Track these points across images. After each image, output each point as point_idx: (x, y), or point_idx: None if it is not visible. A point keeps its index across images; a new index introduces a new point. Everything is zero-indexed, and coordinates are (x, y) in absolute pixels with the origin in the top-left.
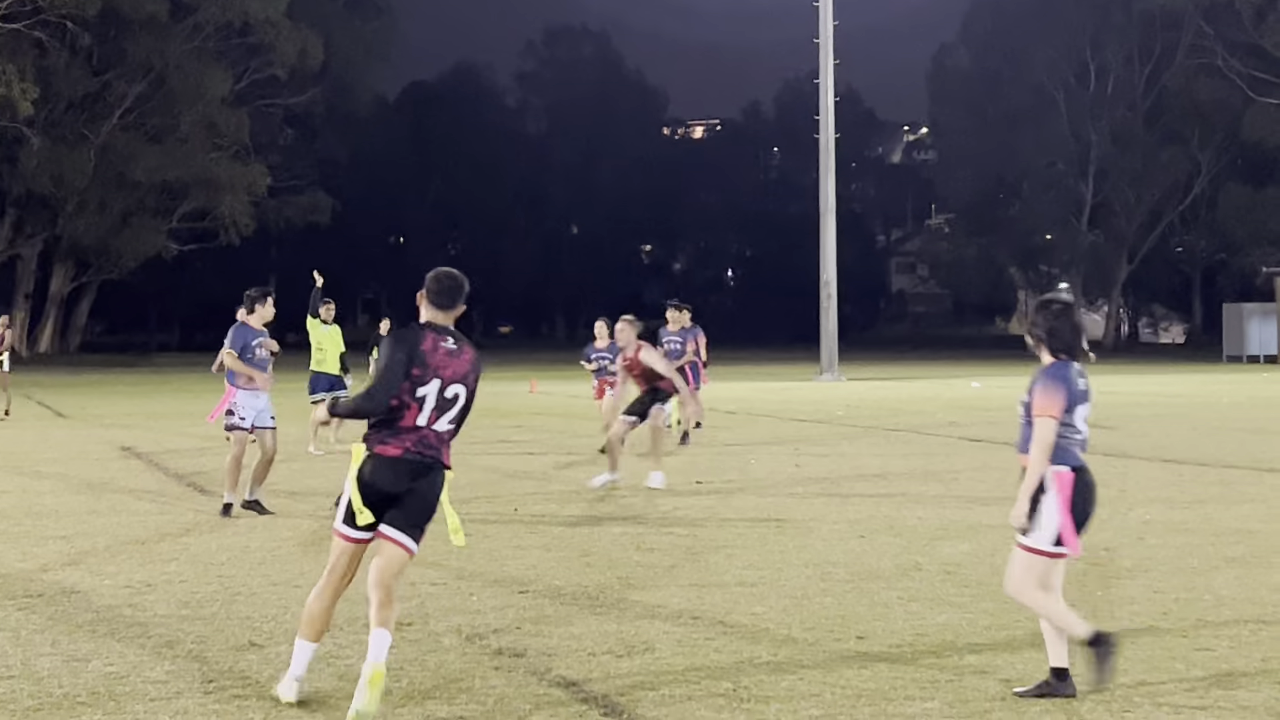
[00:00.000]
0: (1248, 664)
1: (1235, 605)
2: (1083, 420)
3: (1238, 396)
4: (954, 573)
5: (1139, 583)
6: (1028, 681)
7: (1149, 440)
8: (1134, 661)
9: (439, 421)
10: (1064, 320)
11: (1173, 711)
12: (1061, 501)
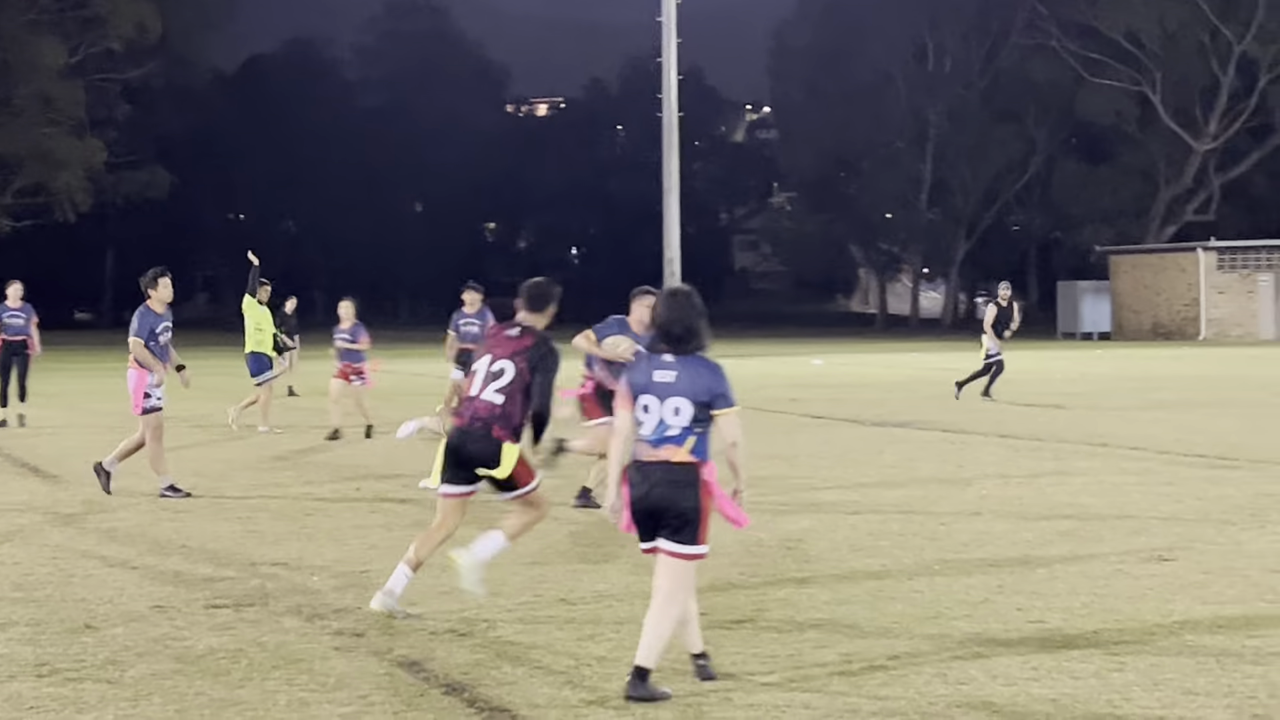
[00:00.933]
0: (1079, 635)
1: (1068, 578)
2: (659, 412)
3: (1071, 373)
4: (794, 548)
5: (975, 556)
6: (866, 653)
7: (985, 416)
8: (969, 635)
9: (487, 389)
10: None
11: (1007, 683)
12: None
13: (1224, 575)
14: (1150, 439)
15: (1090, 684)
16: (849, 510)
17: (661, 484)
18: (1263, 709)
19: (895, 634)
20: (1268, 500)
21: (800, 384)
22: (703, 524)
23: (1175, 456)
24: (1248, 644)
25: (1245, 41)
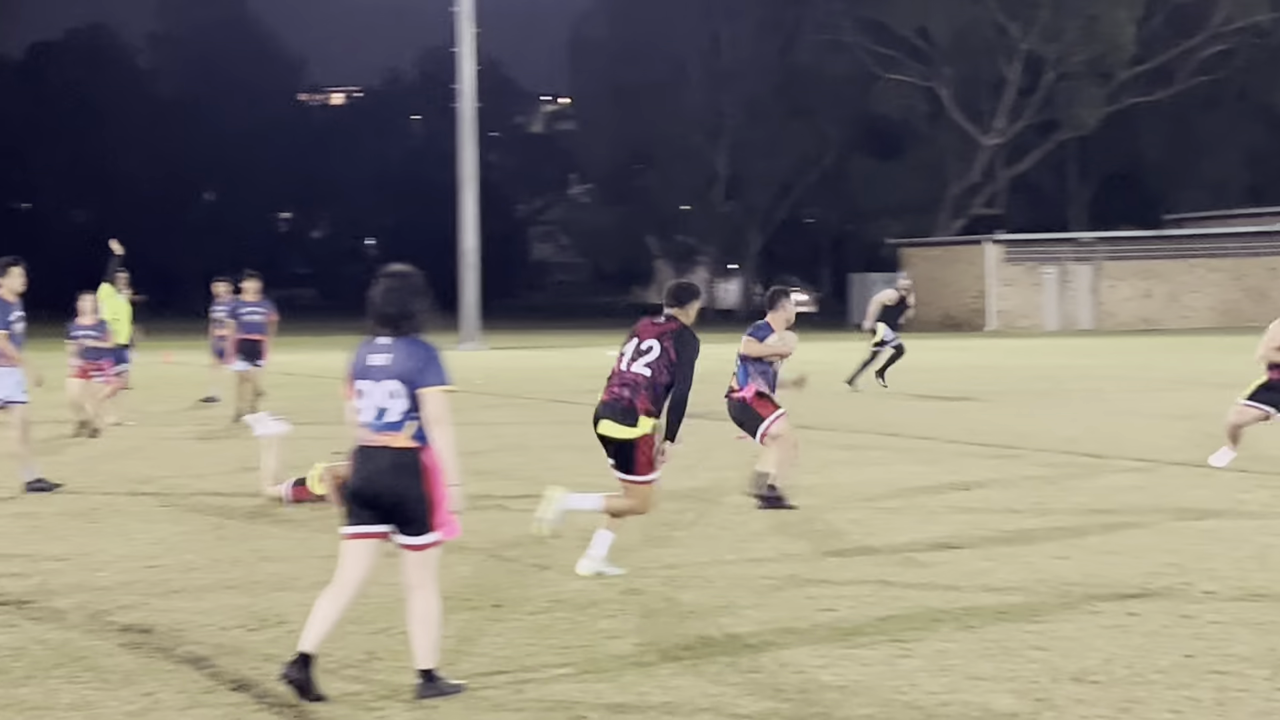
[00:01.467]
0: (868, 622)
1: (858, 566)
2: (376, 396)
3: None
4: (590, 539)
5: (768, 545)
6: (659, 643)
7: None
8: (759, 623)
9: (636, 363)
10: (377, 289)
11: (796, 670)
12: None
13: (1008, 562)
14: (939, 428)
15: (878, 671)
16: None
17: (383, 471)
18: (1045, 693)
19: (688, 623)
20: (1052, 489)
21: (597, 375)
22: (433, 511)
23: (963, 446)
24: (1031, 629)
25: (1031, 39)
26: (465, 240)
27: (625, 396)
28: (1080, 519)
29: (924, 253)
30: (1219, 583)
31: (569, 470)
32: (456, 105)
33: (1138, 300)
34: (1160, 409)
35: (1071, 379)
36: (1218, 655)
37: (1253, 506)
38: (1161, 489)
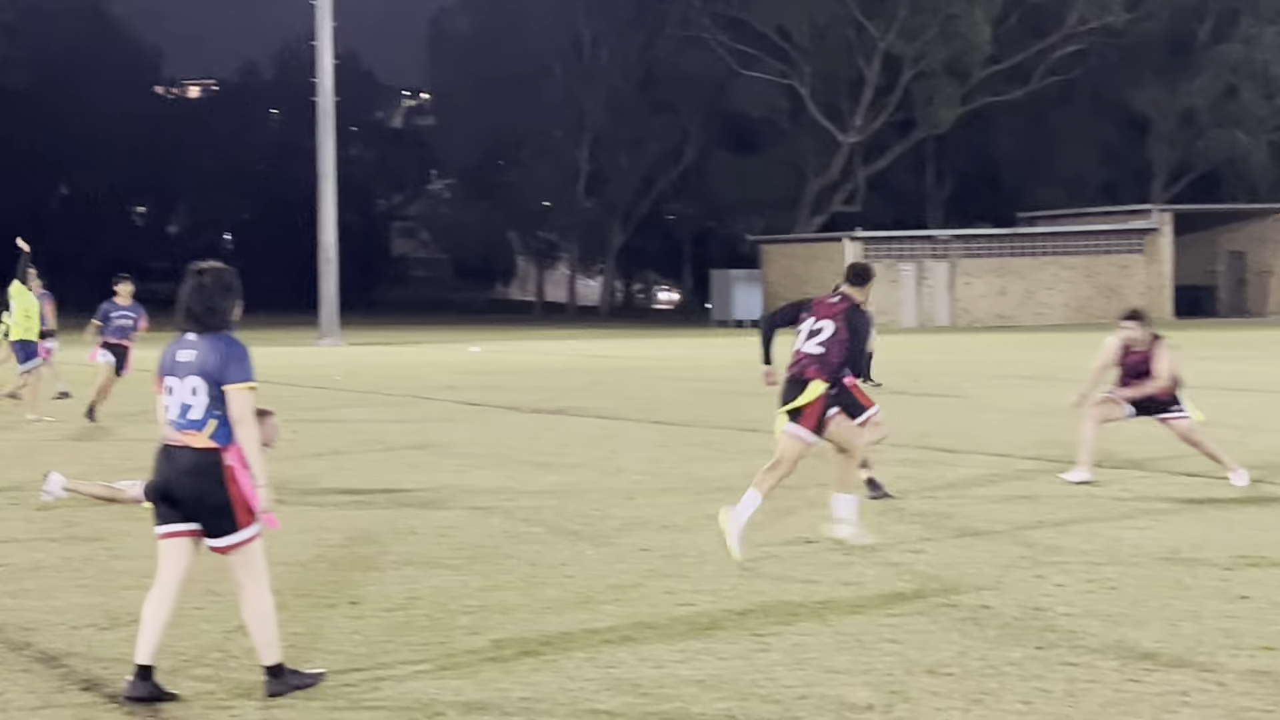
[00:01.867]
0: (726, 617)
1: (716, 561)
2: (181, 394)
3: (724, 360)
4: (448, 536)
5: (627, 541)
6: (518, 639)
7: (639, 402)
8: (619, 618)
9: (810, 343)
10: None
11: (655, 665)
12: None
13: (865, 556)
14: None
15: (736, 664)
16: (504, 497)
17: (183, 471)
18: (900, 685)
19: (547, 619)
20: (907, 483)
21: (457, 371)
22: (237, 509)
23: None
24: (886, 622)
25: (889, 38)
26: (324, 236)
27: (800, 373)
28: (936, 513)
29: (784, 250)
30: (1070, 575)
31: (428, 469)
32: (315, 99)
33: (993, 297)
34: (1015, 404)
35: (928, 375)
36: (1068, 647)
37: (1103, 501)
38: (1015, 483)
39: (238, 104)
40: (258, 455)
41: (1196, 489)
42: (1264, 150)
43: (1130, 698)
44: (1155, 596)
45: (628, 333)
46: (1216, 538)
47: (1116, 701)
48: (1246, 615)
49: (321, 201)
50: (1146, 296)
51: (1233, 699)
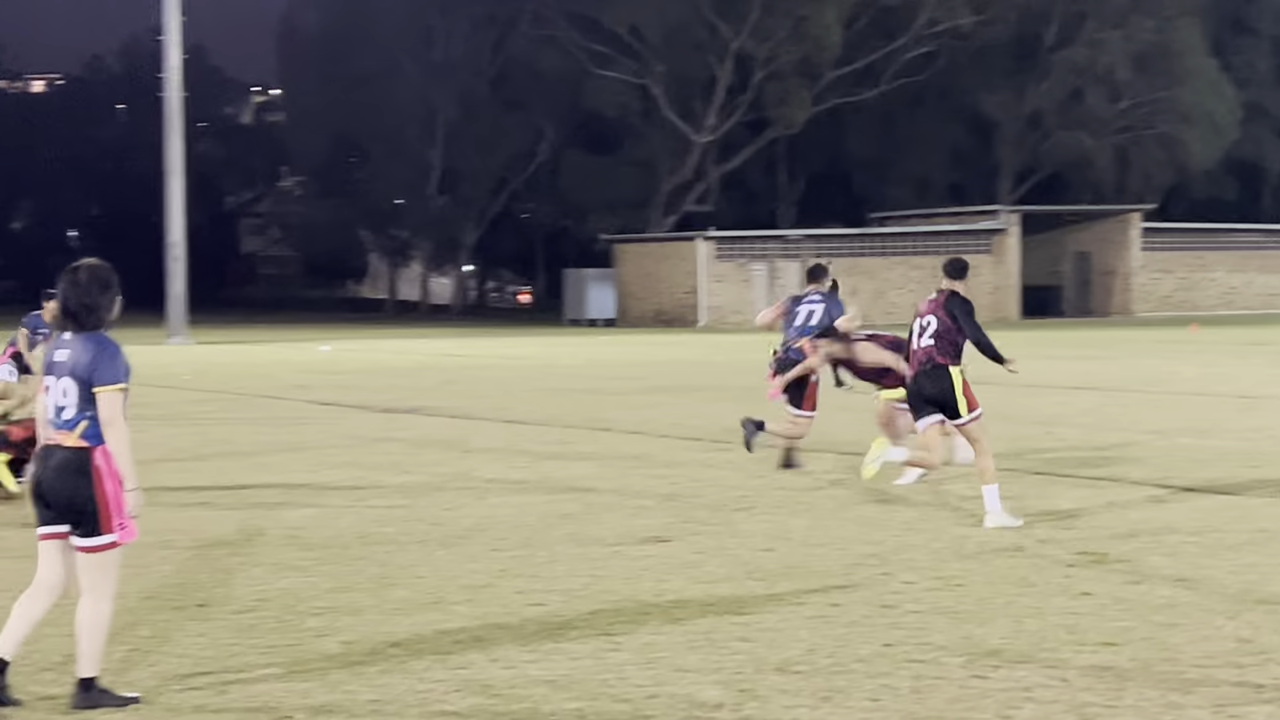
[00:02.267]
0: (578, 616)
1: (568, 560)
2: (56, 393)
3: (577, 359)
4: (297, 537)
5: (479, 541)
6: (367, 641)
7: (492, 402)
8: (470, 619)
9: (922, 339)
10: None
11: (506, 666)
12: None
13: (716, 555)
14: (650, 423)
15: (586, 664)
16: (355, 498)
17: (53, 470)
18: (749, 683)
19: (396, 620)
20: (759, 482)
21: (308, 370)
22: (103, 512)
23: (673, 440)
24: (736, 621)
25: (741, 39)
26: (172, 233)
27: (928, 368)
28: (787, 511)
29: (637, 249)
30: (917, 573)
31: (278, 469)
32: (162, 94)
33: (844, 296)
34: (864, 403)
35: None
36: (915, 644)
37: (950, 498)
38: (864, 482)
39: (83, 99)
40: (128, 458)
41: (1041, 485)
42: (1109, 152)
43: (975, 694)
44: (1000, 594)
45: (481, 332)
46: (1060, 535)
47: (962, 698)
48: (1089, 612)
49: (169, 198)
50: (994, 296)
51: (1075, 694)
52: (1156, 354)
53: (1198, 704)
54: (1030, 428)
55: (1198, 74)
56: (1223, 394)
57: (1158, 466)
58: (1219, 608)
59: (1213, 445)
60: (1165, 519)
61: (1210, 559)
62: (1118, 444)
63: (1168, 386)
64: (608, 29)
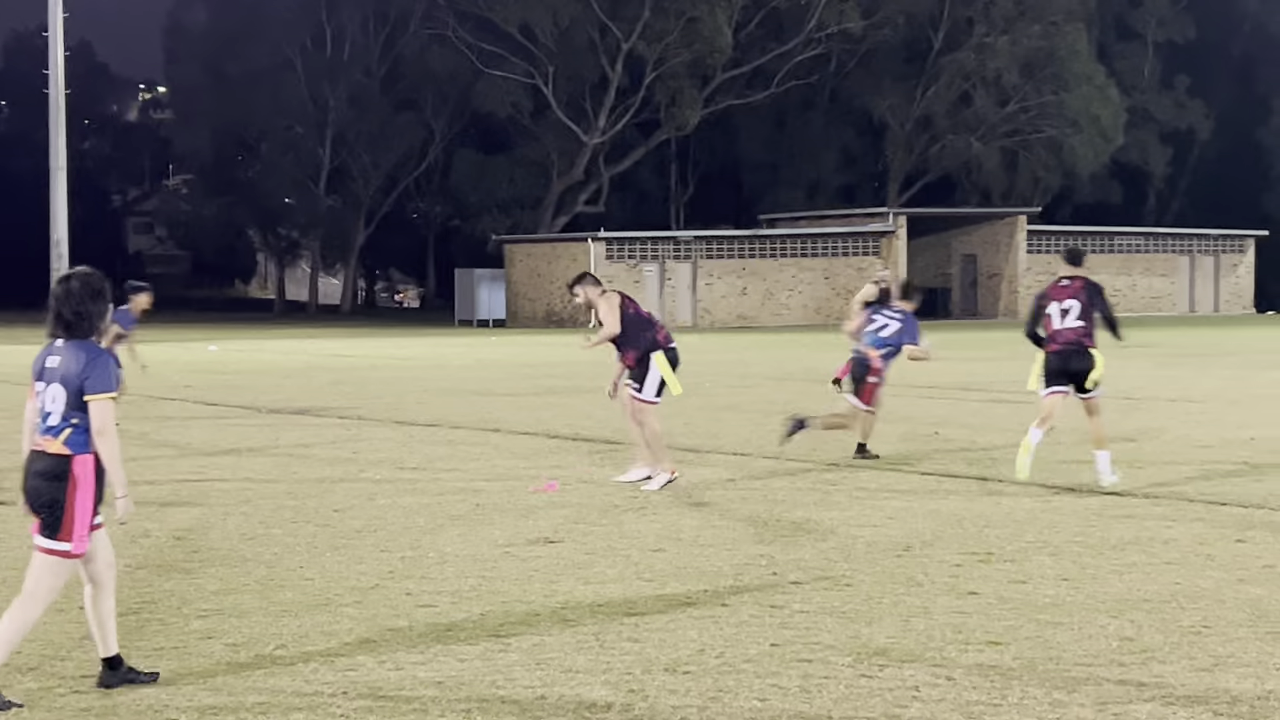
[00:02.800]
0: (467, 618)
1: (458, 562)
2: (45, 399)
3: (468, 359)
4: (184, 539)
5: (368, 542)
6: (254, 643)
7: (382, 403)
8: (358, 621)
9: (1066, 320)
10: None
11: (394, 668)
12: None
13: (606, 556)
14: (541, 423)
15: (475, 666)
16: (242, 499)
17: (36, 474)
18: (638, 684)
19: (284, 622)
20: (649, 483)
21: (194, 370)
22: (67, 519)
23: (564, 440)
24: (626, 621)
25: (632, 40)
26: (56, 230)
27: (1074, 348)
28: (676, 512)
29: (528, 249)
30: (805, 573)
31: (164, 470)
32: (46, 90)
33: (734, 298)
34: (755, 404)
35: None
36: (804, 644)
37: (839, 499)
38: (755, 483)
39: None
40: (118, 465)
41: (929, 486)
42: (996, 156)
43: (863, 692)
44: (888, 593)
45: (370, 332)
46: (948, 534)
47: (849, 697)
48: (975, 611)
49: (53, 196)
50: None
51: (961, 693)
52: None
53: (1081, 701)
54: (919, 428)
55: (1084, 79)
56: (1107, 395)
57: (1043, 467)
58: (1102, 607)
59: None
60: (1050, 519)
61: (1094, 558)
62: (1004, 445)
63: None
64: (499, 29)
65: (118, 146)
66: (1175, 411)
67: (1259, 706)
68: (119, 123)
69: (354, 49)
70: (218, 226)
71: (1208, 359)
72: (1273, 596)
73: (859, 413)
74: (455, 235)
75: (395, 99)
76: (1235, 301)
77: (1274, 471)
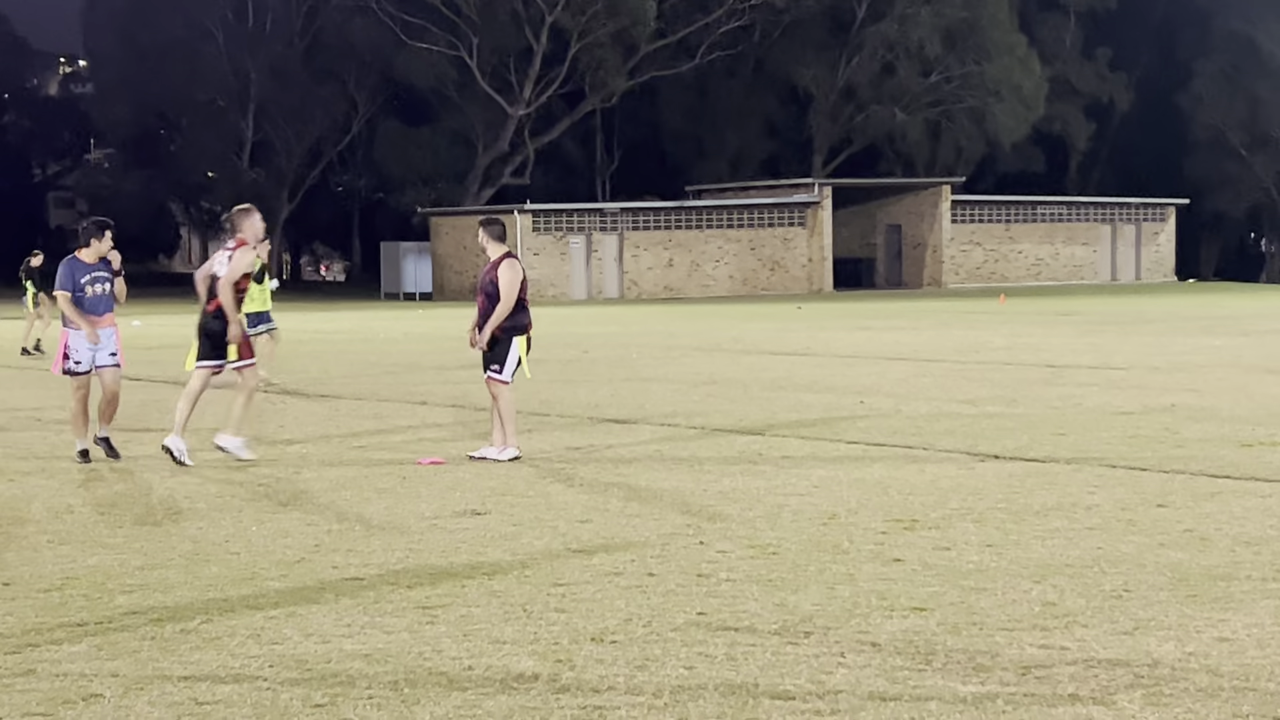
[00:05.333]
0: (393, 590)
1: (384, 535)
2: None
3: (394, 333)
4: (107, 513)
5: (294, 516)
6: (178, 617)
7: (308, 376)
8: (284, 594)
9: None
10: None
11: (321, 640)
12: None
13: (533, 527)
14: (466, 396)
15: (402, 638)
16: (166, 473)
17: None
18: (565, 654)
19: (209, 597)
20: (575, 453)
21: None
22: None
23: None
24: (553, 592)
25: (556, 11)
26: None
27: None
28: (602, 483)
29: (454, 222)
30: (732, 542)
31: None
32: None
33: (661, 270)
34: (682, 374)
35: (598, 347)
36: (730, 612)
37: (765, 467)
38: (680, 452)
39: None
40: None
41: (855, 454)
42: (920, 126)
43: (789, 660)
44: (814, 561)
45: (296, 305)
46: (873, 502)
47: (775, 664)
48: (900, 578)
49: None
50: (808, 268)
51: (886, 659)
52: (966, 325)
53: (1004, 665)
54: (845, 397)
55: (1006, 49)
56: (1030, 364)
57: (967, 435)
58: (1025, 572)
59: (1020, 414)
60: (974, 486)
61: (1017, 525)
62: (928, 414)
63: (977, 357)
64: (423, 1)
65: (38, 120)
66: (1097, 379)
67: (1179, 669)
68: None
69: (275, 20)
70: (140, 201)
71: (1129, 326)
72: (1193, 560)
73: None
74: (380, 208)
75: (317, 71)
76: (1156, 270)
77: (1195, 438)
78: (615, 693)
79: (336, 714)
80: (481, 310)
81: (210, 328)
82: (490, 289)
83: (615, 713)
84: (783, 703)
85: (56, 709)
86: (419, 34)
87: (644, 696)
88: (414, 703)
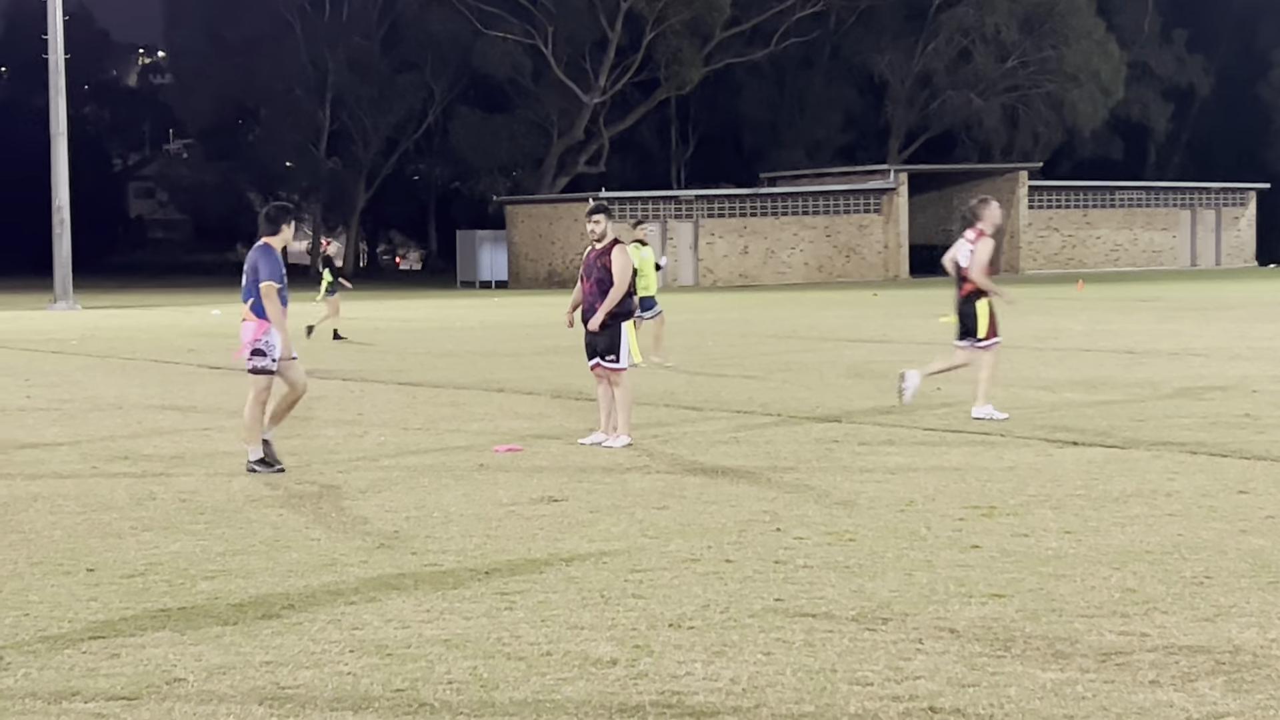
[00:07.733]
0: (471, 576)
1: (463, 521)
2: None
3: (471, 321)
4: (189, 500)
5: (373, 503)
6: (261, 603)
7: (385, 364)
8: (364, 580)
9: None
10: None
11: (400, 626)
12: None
13: (610, 514)
14: (544, 382)
15: (481, 623)
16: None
17: None
18: (643, 639)
19: (290, 582)
20: (652, 441)
21: (198, 334)
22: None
23: (568, 400)
24: (630, 578)
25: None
26: (57, 196)
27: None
28: (680, 469)
29: (529, 210)
30: (809, 529)
31: (168, 433)
32: (46, 56)
33: (736, 257)
34: (757, 362)
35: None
36: (807, 598)
37: (842, 454)
38: (756, 440)
39: None
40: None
41: (932, 440)
42: (996, 112)
43: (867, 646)
44: (891, 548)
45: (373, 295)
46: (951, 489)
47: (853, 650)
48: (978, 564)
49: (54, 161)
50: (884, 255)
51: (964, 645)
52: (1044, 311)
53: (1083, 652)
54: (922, 384)
55: (1084, 34)
56: (1109, 349)
57: (1046, 421)
58: (1104, 559)
59: (1099, 400)
60: (1052, 472)
61: (1096, 511)
62: (1006, 399)
63: (1055, 342)
64: None
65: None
66: (1177, 365)
67: (1261, 655)
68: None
69: (353, 11)
70: (219, 191)
71: (1209, 312)
72: (1275, 547)
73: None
74: (456, 197)
75: (395, 61)
76: (1236, 255)
77: (1276, 424)
78: (693, 679)
79: (416, 698)
80: (589, 295)
81: (961, 310)
82: (602, 274)
83: (693, 698)
84: (860, 689)
85: (141, 692)
86: (495, 23)
87: (721, 683)
88: (493, 687)
